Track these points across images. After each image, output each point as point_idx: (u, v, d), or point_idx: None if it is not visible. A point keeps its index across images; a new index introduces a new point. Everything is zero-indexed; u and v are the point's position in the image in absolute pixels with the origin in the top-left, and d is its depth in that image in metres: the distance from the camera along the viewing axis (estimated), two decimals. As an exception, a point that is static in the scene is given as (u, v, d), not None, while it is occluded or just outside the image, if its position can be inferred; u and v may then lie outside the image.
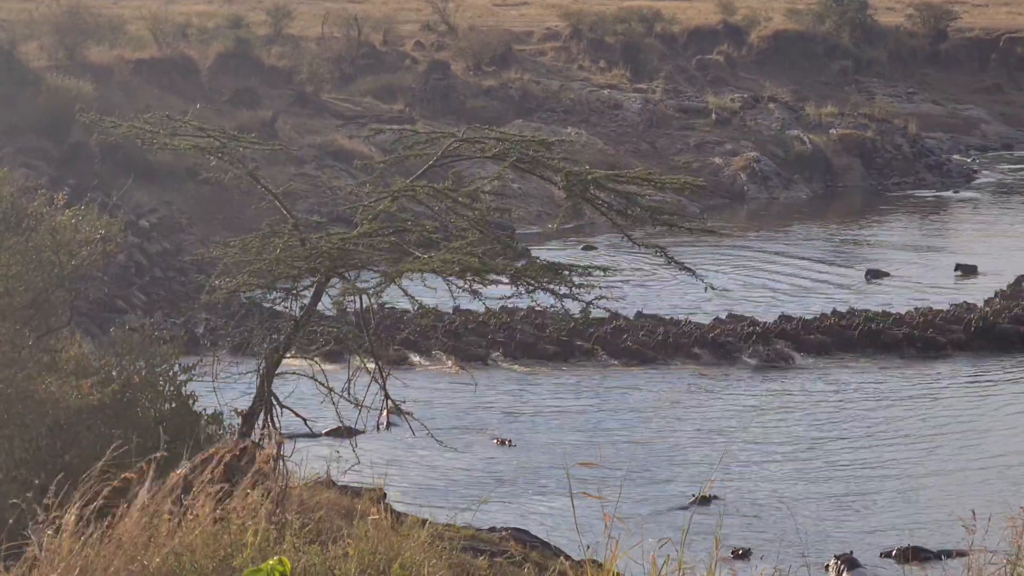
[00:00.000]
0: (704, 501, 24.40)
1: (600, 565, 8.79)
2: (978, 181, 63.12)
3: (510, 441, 28.22)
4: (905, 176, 62.13)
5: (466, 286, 16.64)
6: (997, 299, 38.54)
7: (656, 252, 17.64)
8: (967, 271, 43.65)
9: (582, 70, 69.94)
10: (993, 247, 48.24)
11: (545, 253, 31.94)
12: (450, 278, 16.55)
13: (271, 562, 6.90)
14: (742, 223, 53.73)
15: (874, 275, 43.45)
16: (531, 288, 16.69)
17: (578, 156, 31.50)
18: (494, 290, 17.23)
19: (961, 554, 21.00)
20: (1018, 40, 79.83)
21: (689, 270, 18.14)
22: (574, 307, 17.09)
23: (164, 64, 57.09)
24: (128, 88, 53.03)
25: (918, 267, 45.18)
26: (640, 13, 75.85)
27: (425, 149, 18.01)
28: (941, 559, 22.25)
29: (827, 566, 22.15)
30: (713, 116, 63.36)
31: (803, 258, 46.77)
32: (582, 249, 45.54)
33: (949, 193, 60.30)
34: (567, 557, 15.05)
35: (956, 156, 67.44)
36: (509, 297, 17.29)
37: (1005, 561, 8.64)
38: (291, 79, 61.08)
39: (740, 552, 22.31)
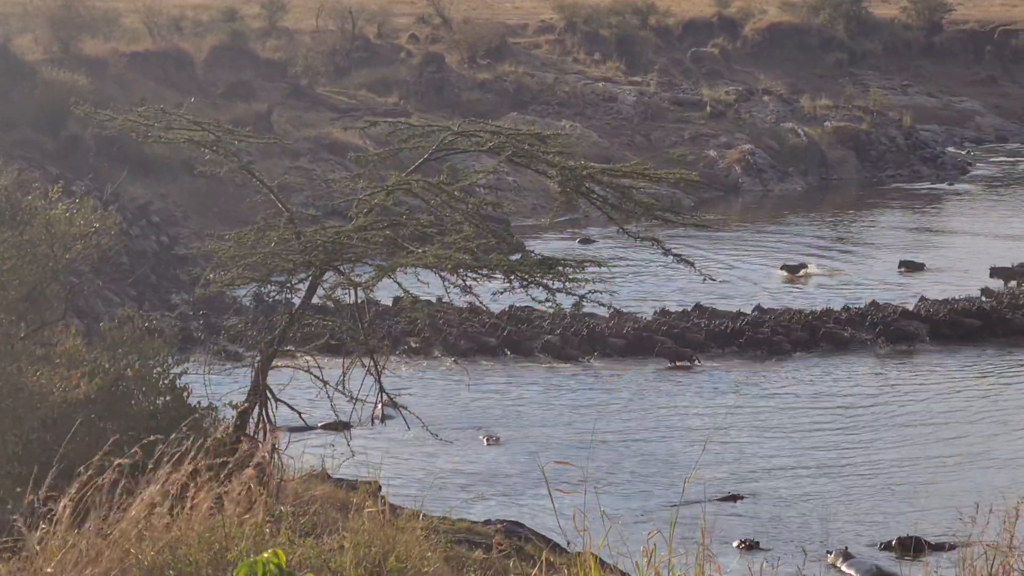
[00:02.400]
0: (732, 499, 24.52)
1: (594, 557, 8.80)
2: (972, 173, 63.08)
3: (499, 438, 28.13)
4: (900, 169, 62.07)
5: (459, 281, 16.60)
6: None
7: (653, 244, 17.71)
8: (912, 268, 43.01)
9: (577, 63, 69.88)
10: (955, 242, 47.94)
11: (541, 246, 31.91)
12: (443, 273, 16.50)
13: (266, 554, 6.87)
14: (735, 215, 53.60)
15: (791, 270, 42.47)
16: (525, 283, 16.63)
17: (573, 149, 31.54)
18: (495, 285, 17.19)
19: (954, 547, 21.01)
20: (1013, 32, 79.77)
21: (687, 262, 18.10)
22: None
23: (159, 57, 57.04)
24: (123, 81, 52.98)
25: (866, 263, 44.73)
26: (634, 6, 75.77)
27: (420, 142, 17.96)
28: (937, 551, 22.25)
29: (824, 558, 22.19)
30: (708, 109, 63.32)
31: (749, 252, 46.17)
32: (579, 243, 45.44)
33: (943, 185, 60.23)
34: (560, 549, 15.05)
35: (951, 148, 67.41)
36: (502, 292, 17.22)
37: (992, 549, 8.64)
38: (286, 72, 61.04)
39: (749, 544, 22.43)
